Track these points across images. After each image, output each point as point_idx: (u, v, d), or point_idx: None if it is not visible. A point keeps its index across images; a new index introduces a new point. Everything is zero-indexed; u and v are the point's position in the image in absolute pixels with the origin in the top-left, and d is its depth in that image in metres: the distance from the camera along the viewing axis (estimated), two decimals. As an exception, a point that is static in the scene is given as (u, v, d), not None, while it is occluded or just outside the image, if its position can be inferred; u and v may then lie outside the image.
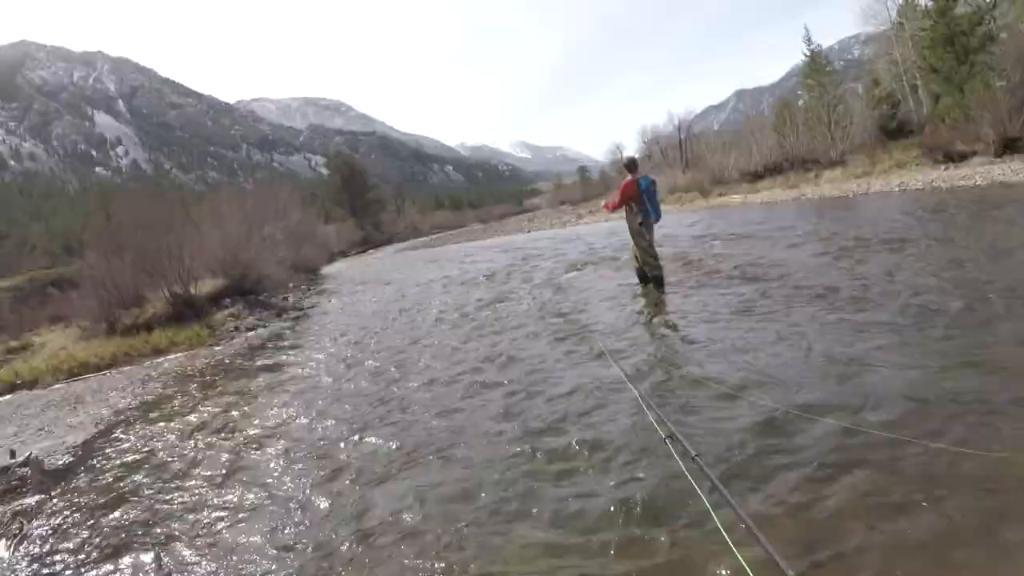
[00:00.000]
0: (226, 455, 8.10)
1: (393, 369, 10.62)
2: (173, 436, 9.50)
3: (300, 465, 7.22)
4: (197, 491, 7.10)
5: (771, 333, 8.00)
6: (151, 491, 7.33)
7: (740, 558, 2.78)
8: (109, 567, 5.70)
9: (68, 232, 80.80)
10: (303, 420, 8.90)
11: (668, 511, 4.45)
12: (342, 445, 7.54)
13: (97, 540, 6.28)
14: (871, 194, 24.80)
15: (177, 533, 6.09)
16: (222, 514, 6.31)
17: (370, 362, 11.75)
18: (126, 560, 5.76)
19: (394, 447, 7.00)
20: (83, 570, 5.75)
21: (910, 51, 39.88)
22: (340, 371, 11.61)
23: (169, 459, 8.40)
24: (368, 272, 39.40)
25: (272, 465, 7.43)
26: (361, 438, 7.61)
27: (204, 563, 5.43)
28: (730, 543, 2.97)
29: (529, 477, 5.51)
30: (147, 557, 5.73)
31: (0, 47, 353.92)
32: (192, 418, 10.41)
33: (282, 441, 8.21)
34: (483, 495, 5.37)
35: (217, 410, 10.57)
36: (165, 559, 5.62)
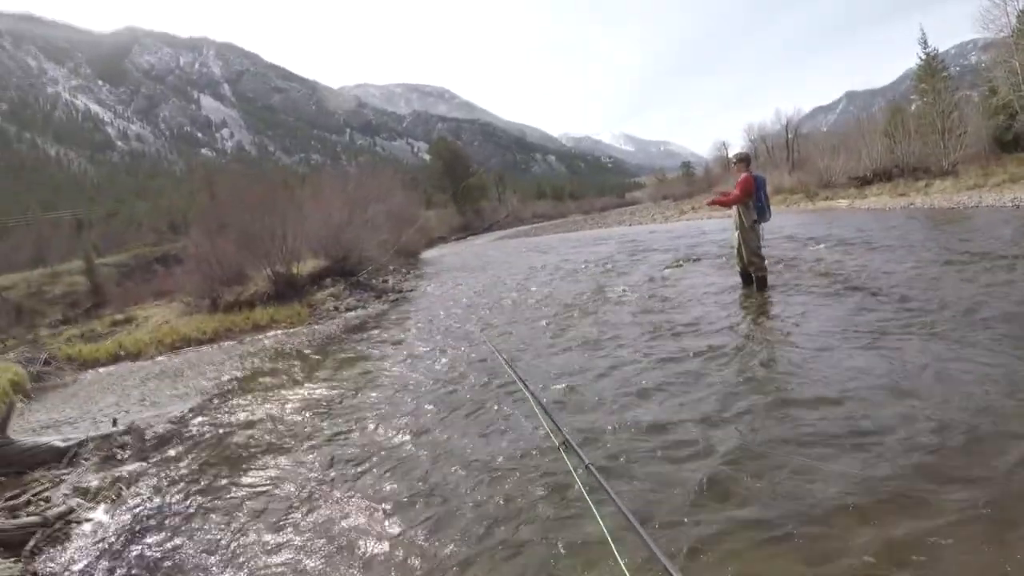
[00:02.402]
0: (323, 430, 8.18)
1: (489, 361, 10.40)
2: (270, 410, 9.58)
3: (397, 443, 7.26)
4: (293, 464, 7.18)
5: (877, 358, 7.54)
6: (247, 463, 7.41)
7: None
8: (204, 536, 5.74)
9: (173, 210, 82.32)
10: (399, 402, 8.89)
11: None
12: (433, 431, 7.51)
13: (192, 509, 6.36)
14: (982, 207, 23.93)
15: (271, 506, 6.14)
16: (319, 487, 6.36)
17: (467, 350, 11.65)
18: (220, 529, 5.80)
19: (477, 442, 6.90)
20: (177, 538, 5.79)
21: (1031, 60, 38.63)
22: (436, 357, 11.54)
23: (266, 432, 8.49)
24: (468, 259, 39.54)
25: (367, 442, 7.50)
26: (447, 429, 7.53)
27: (298, 537, 5.45)
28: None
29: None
30: (240, 526, 5.79)
31: (107, 33, 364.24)
32: (289, 394, 10.51)
33: (378, 420, 8.24)
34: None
35: (314, 387, 10.67)
36: (257, 528, 5.67)
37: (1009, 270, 11.24)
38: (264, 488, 6.51)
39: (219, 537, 5.63)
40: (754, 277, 12.31)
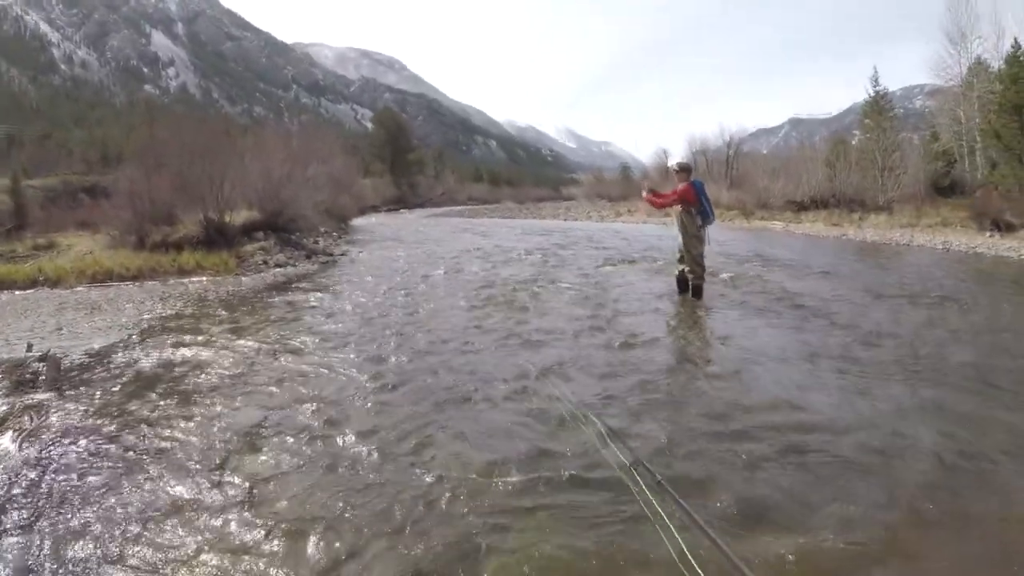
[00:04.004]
0: (241, 383, 8.04)
1: (412, 333, 10.43)
2: (190, 355, 9.42)
3: (303, 390, 7.45)
4: (204, 406, 7.15)
5: (802, 369, 7.87)
6: (163, 406, 7.25)
7: None
8: (113, 472, 5.65)
9: (109, 142, 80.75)
10: (316, 354, 9.03)
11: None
12: (343, 381, 7.74)
13: (104, 444, 6.24)
14: (913, 247, 24.44)
15: (181, 445, 6.13)
16: (225, 432, 6.37)
17: (391, 318, 11.68)
18: (130, 465, 5.74)
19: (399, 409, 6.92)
20: (88, 472, 5.67)
21: (975, 112, 39.33)
22: (358, 321, 11.55)
23: (184, 377, 8.33)
24: (400, 231, 39.37)
25: (277, 389, 7.62)
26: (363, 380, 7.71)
27: (202, 474, 5.49)
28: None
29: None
30: (148, 470, 5.67)
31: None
32: (210, 342, 10.35)
33: (291, 369, 8.38)
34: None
35: (236, 339, 10.49)
36: (166, 467, 5.62)
37: (933, 308, 11.61)
38: (177, 435, 6.38)
39: (127, 479, 5.50)
40: (691, 285, 12.42)
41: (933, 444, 5.62)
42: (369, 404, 6.97)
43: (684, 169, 12.57)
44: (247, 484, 5.22)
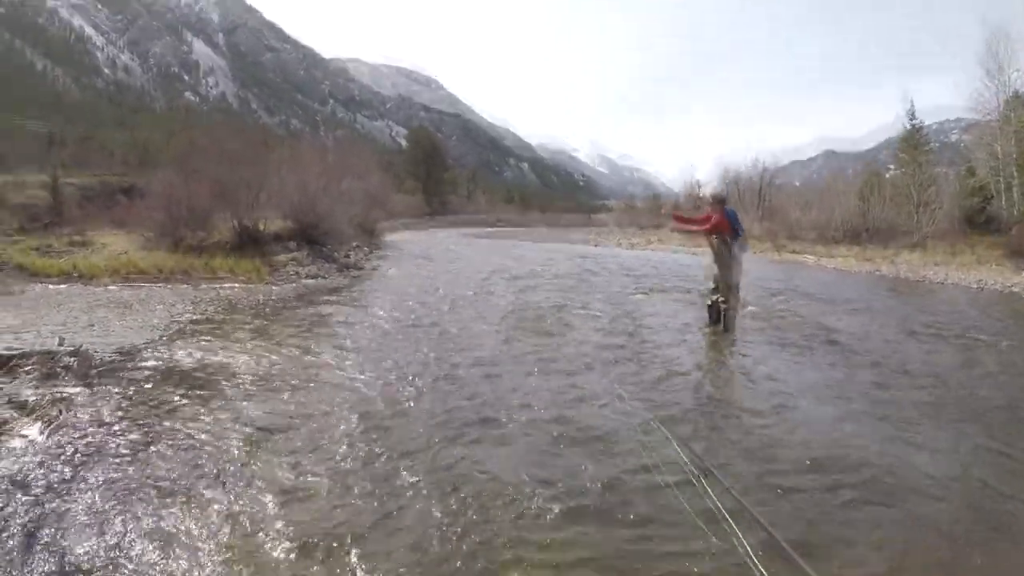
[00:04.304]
0: (261, 385, 8.23)
1: (441, 353, 10.34)
2: (219, 361, 9.51)
3: (328, 406, 7.42)
4: (228, 412, 7.20)
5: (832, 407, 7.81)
6: (190, 408, 7.34)
7: None
8: (135, 469, 5.73)
9: (148, 145, 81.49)
10: (343, 371, 8.98)
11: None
12: (369, 399, 7.73)
13: (129, 445, 6.28)
14: (947, 284, 24.06)
15: (203, 450, 6.17)
16: (246, 441, 6.39)
17: (420, 339, 11.50)
18: (152, 464, 5.80)
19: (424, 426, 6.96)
20: (113, 467, 5.75)
21: (1012, 146, 38.75)
22: (386, 340, 11.43)
23: (212, 382, 8.42)
24: (431, 249, 39.34)
25: (302, 401, 7.66)
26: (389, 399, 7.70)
27: (222, 480, 5.54)
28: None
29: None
30: (172, 466, 5.79)
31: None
32: (236, 346, 10.47)
33: (317, 383, 8.41)
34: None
35: (261, 345, 10.61)
36: (187, 471, 5.67)
37: (969, 348, 11.45)
38: (201, 439, 6.43)
39: (149, 477, 5.57)
40: (723, 315, 12.30)
41: (968, 485, 5.61)
42: (395, 423, 6.94)
43: (718, 201, 12.48)
44: (267, 496, 5.24)
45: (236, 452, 6.08)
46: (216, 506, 5.06)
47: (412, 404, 7.57)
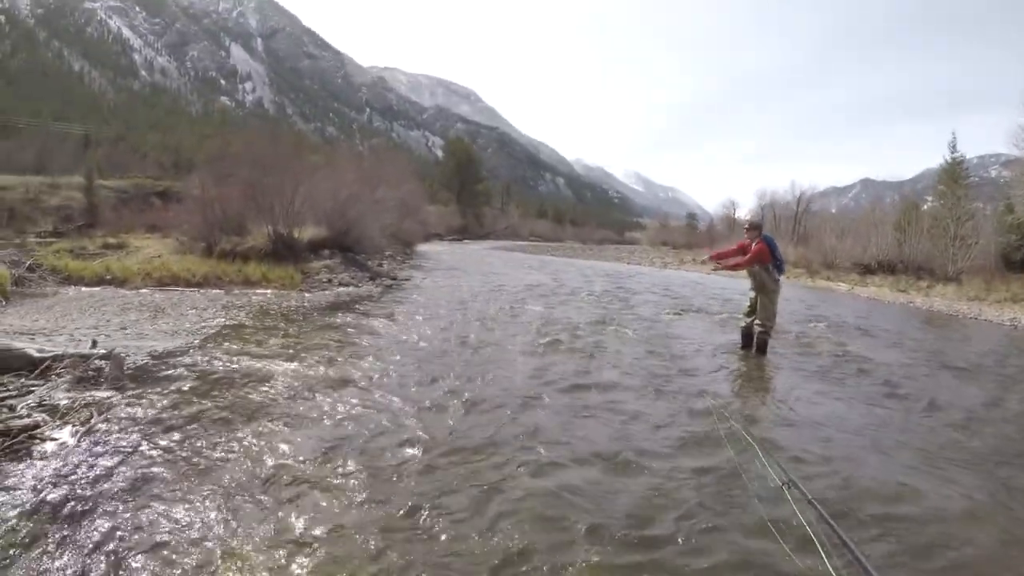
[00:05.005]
0: (291, 396, 8.15)
1: (477, 374, 10.12)
2: (252, 367, 9.48)
3: (358, 425, 7.22)
4: (257, 422, 7.15)
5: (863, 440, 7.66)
6: (221, 416, 7.30)
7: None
8: (163, 476, 5.69)
9: (182, 149, 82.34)
10: (375, 389, 8.75)
11: None
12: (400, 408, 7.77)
13: (159, 447, 6.29)
14: (980, 320, 23.76)
15: (232, 461, 6.10)
16: (274, 454, 6.29)
17: (452, 355, 11.33)
18: (181, 472, 5.75)
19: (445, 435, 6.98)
20: (144, 473, 5.72)
21: (1052, 185, 38.44)
22: (418, 356, 11.18)
23: (245, 389, 8.39)
24: (464, 260, 39.64)
25: (333, 416, 7.54)
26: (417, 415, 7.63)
27: (259, 484, 5.54)
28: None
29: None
30: (200, 475, 5.74)
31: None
32: (268, 354, 10.44)
33: (347, 399, 8.21)
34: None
35: (293, 354, 10.55)
36: (215, 482, 5.59)
37: (1003, 387, 11.26)
38: (230, 449, 6.36)
39: (177, 485, 5.52)
40: (756, 340, 12.27)
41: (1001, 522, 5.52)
42: (433, 454, 6.54)
43: (755, 227, 12.41)
44: (294, 516, 5.10)
45: (267, 462, 6.02)
46: (246, 516, 5.00)
47: (451, 425, 7.42)
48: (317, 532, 4.82)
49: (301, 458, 6.13)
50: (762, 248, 11.78)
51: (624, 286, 26.50)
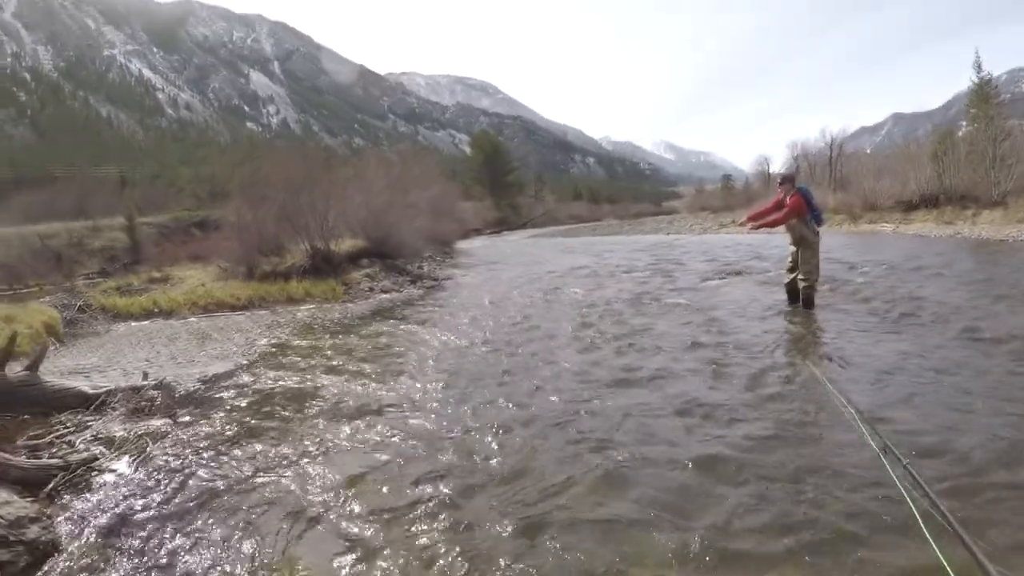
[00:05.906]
0: (341, 413, 8.08)
1: (523, 360, 10.30)
2: (301, 383, 9.58)
3: (413, 443, 6.94)
4: (310, 442, 7.10)
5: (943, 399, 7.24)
6: (276, 435, 7.35)
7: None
8: (227, 499, 5.74)
9: (215, 179, 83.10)
10: (427, 404, 8.44)
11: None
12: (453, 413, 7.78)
13: (217, 476, 6.30)
14: (1031, 242, 23.35)
15: (297, 473, 6.20)
16: (331, 478, 6.11)
17: (499, 354, 11.06)
18: (244, 502, 5.71)
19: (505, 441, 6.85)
20: (201, 499, 5.77)
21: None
22: (465, 359, 10.96)
23: (296, 406, 8.45)
24: (504, 252, 39.57)
25: (377, 427, 7.47)
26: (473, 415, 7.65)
27: (319, 507, 5.49)
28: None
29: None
30: (267, 493, 5.81)
31: (165, 3, 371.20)
32: (314, 370, 10.47)
33: (405, 401, 8.33)
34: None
35: (340, 368, 10.54)
36: (281, 507, 5.57)
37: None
38: (285, 474, 6.27)
39: (242, 509, 5.54)
40: (802, 295, 12.24)
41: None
42: (486, 469, 6.11)
43: (788, 180, 12.45)
44: (351, 542, 4.92)
45: (321, 484, 5.96)
46: (304, 541, 4.98)
47: (506, 444, 6.99)
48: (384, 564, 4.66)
49: (353, 479, 6.04)
50: (797, 201, 11.72)
51: (665, 256, 26.47)
